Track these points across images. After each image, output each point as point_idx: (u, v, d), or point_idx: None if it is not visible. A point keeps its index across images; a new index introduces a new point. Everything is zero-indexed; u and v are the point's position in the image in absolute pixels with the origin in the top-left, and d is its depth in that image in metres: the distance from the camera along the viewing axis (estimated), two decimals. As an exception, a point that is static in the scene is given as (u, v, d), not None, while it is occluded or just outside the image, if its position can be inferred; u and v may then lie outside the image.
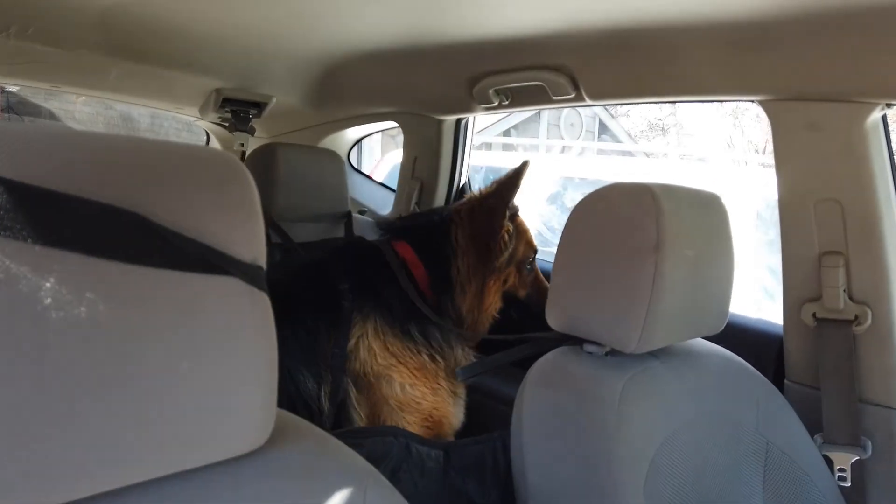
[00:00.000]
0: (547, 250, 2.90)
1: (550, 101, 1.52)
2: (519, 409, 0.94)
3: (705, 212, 1.01)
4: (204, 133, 2.96)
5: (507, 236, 1.38)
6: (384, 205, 2.40)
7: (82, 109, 5.25)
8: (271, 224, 1.75)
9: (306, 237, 1.86)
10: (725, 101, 1.39)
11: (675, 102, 1.34)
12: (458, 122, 2.01)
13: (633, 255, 0.90)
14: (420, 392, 1.25)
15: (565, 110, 9.12)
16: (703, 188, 1.06)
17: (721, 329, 1.09)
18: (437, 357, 1.29)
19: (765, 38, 1.13)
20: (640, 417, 0.90)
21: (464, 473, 1.08)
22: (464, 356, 1.35)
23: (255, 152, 1.84)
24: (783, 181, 1.25)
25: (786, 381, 1.32)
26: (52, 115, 5.18)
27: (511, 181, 1.39)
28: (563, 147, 4.57)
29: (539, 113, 9.03)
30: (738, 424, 1.06)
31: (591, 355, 0.99)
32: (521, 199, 1.46)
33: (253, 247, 0.47)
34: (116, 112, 5.43)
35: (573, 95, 1.46)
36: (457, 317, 1.35)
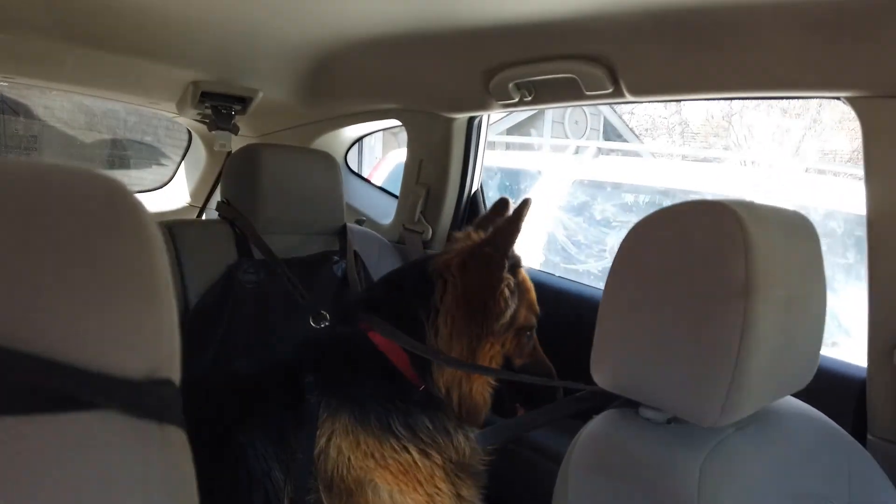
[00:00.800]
0: (572, 268, 2.73)
1: (583, 97, 1.34)
2: (562, 500, 0.74)
3: (797, 238, 0.82)
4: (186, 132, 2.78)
5: (507, 292, 1.17)
6: (385, 213, 2.22)
7: (63, 105, 5.06)
8: (253, 238, 1.55)
9: (295, 252, 1.66)
10: (804, 97, 1.19)
11: (739, 99, 1.14)
12: (471, 120, 1.82)
13: (713, 299, 0.70)
14: (412, 499, 1.05)
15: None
16: (788, 205, 0.87)
17: (808, 382, 0.89)
18: (431, 451, 1.08)
19: (857, 21, 0.94)
20: (722, 511, 0.71)
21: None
22: (468, 444, 1.14)
23: (235, 154, 1.64)
24: (874, 194, 1.05)
25: (869, 436, 1.14)
26: (28, 113, 4.99)
27: (511, 225, 1.17)
28: (578, 147, 4.36)
29: (543, 111, 8.67)
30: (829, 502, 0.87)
31: (649, 422, 0.80)
32: (537, 213, 1.25)
33: (154, 349, 0.27)
34: (100, 108, 5.24)
35: (611, 91, 1.28)
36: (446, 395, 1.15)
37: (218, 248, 1.54)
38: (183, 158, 2.92)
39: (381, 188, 2.49)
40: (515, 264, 1.22)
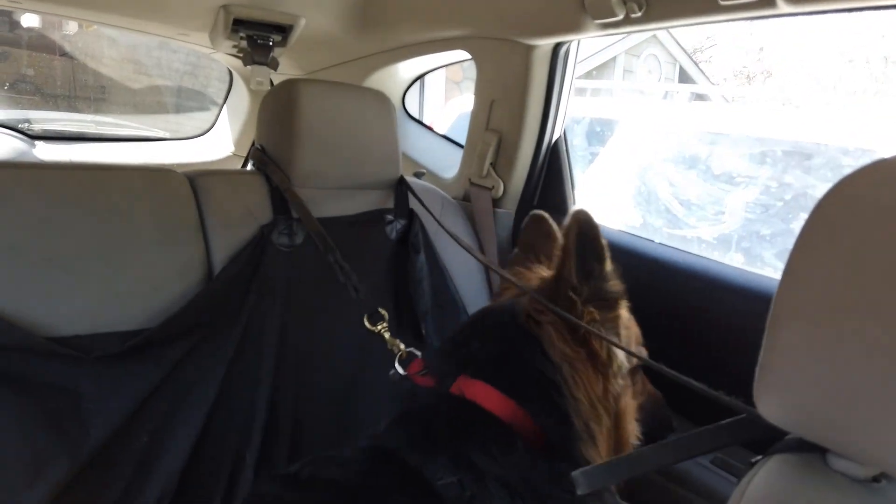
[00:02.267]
0: (678, 233, 2.42)
1: (715, 10, 1.05)
2: None
3: None
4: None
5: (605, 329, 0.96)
6: (449, 165, 1.99)
7: (110, 54, 4.99)
8: (287, 192, 1.35)
9: (341, 210, 1.45)
10: None
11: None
12: (556, 49, 1.55)
13: None
14: None
15: (644, 54, 8.71)
16: None
17: None
18: None
19: None
20: None
21: None
22: None
23: (270, 92, 1.43)
24: None
25: None
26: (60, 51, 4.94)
27: (568, 257, 0.92)
28: (666, 92, 4.01)
29: (614, 59, 8.60)
30: None
31: (845, 478, 0.56)
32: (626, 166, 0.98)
33: None
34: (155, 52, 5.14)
35: (760, -3, 0.99)
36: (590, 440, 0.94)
37: (249, 204, 1.34)
38: (224, 102, 2.75)
39: (443, 136, 2.25)
40: (611, 298, 0.97)
